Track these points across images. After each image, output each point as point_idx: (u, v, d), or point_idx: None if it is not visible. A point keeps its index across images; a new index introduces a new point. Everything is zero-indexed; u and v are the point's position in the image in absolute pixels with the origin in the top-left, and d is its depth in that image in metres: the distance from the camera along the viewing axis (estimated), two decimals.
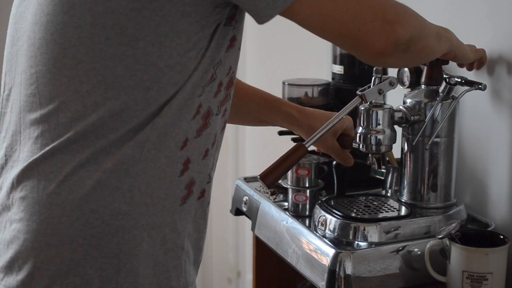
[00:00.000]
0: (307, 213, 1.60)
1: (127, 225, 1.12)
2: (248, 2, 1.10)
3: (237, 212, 1.81)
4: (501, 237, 1.40)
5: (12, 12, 1.24)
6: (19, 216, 1.14)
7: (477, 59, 1.51)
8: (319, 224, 1.50)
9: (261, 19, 1.12)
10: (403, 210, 1.52)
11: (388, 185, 1.64)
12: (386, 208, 1.53)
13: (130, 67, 1.10)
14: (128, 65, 1.10)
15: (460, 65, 1.54)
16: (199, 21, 1.11)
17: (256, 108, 1.55)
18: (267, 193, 1.73)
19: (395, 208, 1.54)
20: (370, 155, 1.48)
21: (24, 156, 1.15)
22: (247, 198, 1.75)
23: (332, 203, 1.54)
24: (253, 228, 1.72)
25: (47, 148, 1.12)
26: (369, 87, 1.45)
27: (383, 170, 1.65)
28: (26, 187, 1.14)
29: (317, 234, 1.49)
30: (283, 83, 1.77)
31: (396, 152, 1.62)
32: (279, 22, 1.28)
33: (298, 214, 1.61)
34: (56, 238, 1.11)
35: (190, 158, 1.16)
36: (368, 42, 1.16)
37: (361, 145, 1.46)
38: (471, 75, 1.54)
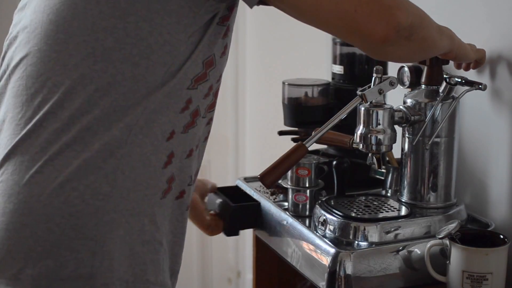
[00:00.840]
0: (307, 213, 1.60)
1: (107, 206, 1.11)
2: None
3: None
4: (501, 237, 1.40)
5: (14, 22, 1.24)
6: None
7: (479, 59, 1.50)
8: (319, 224, 1.50)
9: (251, 1, 1.13)
10: (403, 210, 1.52)
11: (388, 185, 1.64)
12: (386, 208, 1.53)
13: (120, 40, 1.11)
14: (118, 38, 1.11)
15: (458, 66, 1.53)
16: (191, 7, 1.12)
17: None
18: (267, 193, 1.73)
19: (395, 208, 1.54)
20: (370, 154, 1.48)
21: (5, 142, 1.14)
22: None
23: (332, 203, 1.54)
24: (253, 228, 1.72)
25: (30, 124, 1.12)
26: (369, 87, 1.45)
27: (383, 170, 1.65)
28: (7, 171, 1.13)
29: (317, 234, 1.49)
30: (283, 83, 1.77)
31: (396, 152, 1.62)
32: (279, 22, 1.29)
33: (298, 214, 1.61)
34: (32, 217, 1.10)
35: (174, 153, 1.16)
36: (368, 27, 1.13)
37: (361, 145, 1.46)
38: (471, 75, 1.54)
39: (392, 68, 1.69)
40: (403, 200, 1.56)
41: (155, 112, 1.13)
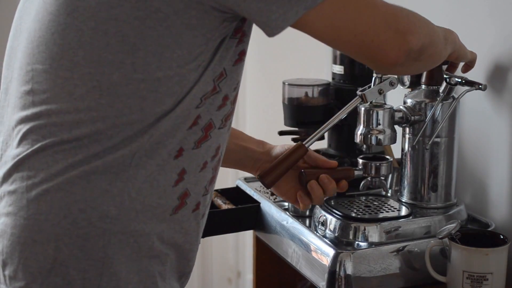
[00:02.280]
0: (307, 213, 1.60)
1: (115, 229, 1.10)
2: (260, 14, 1.09)
3: None
4: (501, 237, 1.40)
5: (19, 6, 1.23)
6: (7, 210, 1.13)
7: (470, 61, 1.49)
8: (320, 224, 1.50)
9: (272, 31, 1.11)
10: (404, 210, 1.52)
11: (388, 185, 1.64)
12: (386, 208, 1.53)
13: (127, 76, 1.08)
14: (125, 73, 1.08)
15: (453, 69, 1.51)
16: (205, 34, 1.09)
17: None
18: (267, 193, 1.73)
19: (395, 208, 1.54)
20: (368, 180, 1.48)
21: (14, 152, 1.14)
22: None
23: (333, 203, 1.54)
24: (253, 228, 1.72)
25: (39, 144, 1.11)
26: (370, 87, 1.45)
27: None
28: (16, 182, 1.12)
29: (317, 234, 1.49)
30: (283, 83, 1.77)
31: (396, 152, 1.62)
32: None
33: (298, 214, 1.61)
34: (42, 235, 1.10)
35: (186, 169, 1.14)
36: (382, 52, 1.16)
37: (362, 146, 1.46)
38: (471, 75, 1.54)
39: None
40: (403, 200, 1.56)
41: (161, 135, 1.11)
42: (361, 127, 1.47)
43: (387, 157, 1.51)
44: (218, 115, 1.16)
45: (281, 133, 1.81)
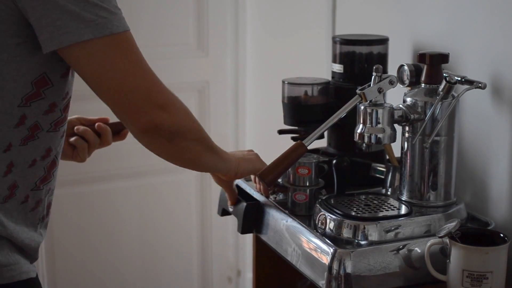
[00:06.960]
0: (307, 212, 1.60)
1: None
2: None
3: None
4: (501, 236, 1.40)
5: None
6: None
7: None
8: (319, 223, 1.49)
9: (44, 49, 1.16)
10: (403, 209, 1.52)
11: (388, 184, 1.64)
12: (386, 207, 1.53)
13: None
14: None
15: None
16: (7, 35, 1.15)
17: None
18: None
19: (395, 207, 1.54)
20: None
21: None
22: None
23: (332, 202, 1.54)
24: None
25: None
26: (369, 85, 1.45)
27: (383, 169, 1.65)
28: None
29: (317, 233, 1.49)
30: (283, 82, 1.77)
31: (396, 151, 1.62)
32: (279, 21, 1.28)
33: (298, 213, 1.61)
34: None
35: (13, 163, 1.22)
36: (134, 113, 1.19)
37: (362, 145, 1.46)
38: (471, 73, 1.54)
39: (392, 67, 1.69)
40: (403, 199, 1.56)
41: None
42: (361, 125, 1.47)
43: None
44: (46, 119, 1.24)
45: (281, 132, 1.81)
